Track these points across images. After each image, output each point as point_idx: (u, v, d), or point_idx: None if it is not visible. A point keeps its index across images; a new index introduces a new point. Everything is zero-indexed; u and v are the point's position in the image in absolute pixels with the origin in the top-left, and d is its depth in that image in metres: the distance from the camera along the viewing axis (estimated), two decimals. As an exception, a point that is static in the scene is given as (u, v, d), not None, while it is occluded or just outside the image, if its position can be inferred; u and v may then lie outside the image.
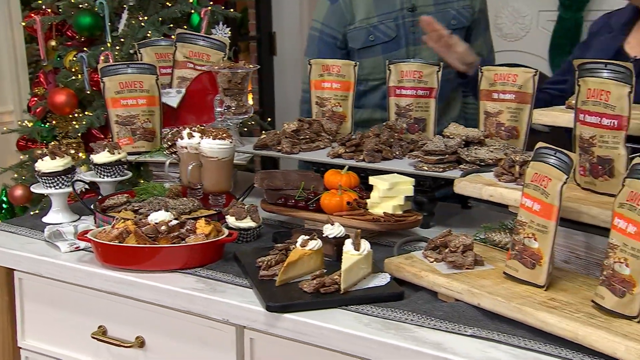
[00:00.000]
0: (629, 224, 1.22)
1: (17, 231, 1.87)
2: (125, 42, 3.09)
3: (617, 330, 1.18)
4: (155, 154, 2.09)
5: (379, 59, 2.37)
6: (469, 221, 1.90)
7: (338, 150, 1.92)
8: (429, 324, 1.32)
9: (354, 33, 2.41)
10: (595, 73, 1.45)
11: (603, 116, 1.43)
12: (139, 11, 3.13)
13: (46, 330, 1.82)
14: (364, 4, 2.40)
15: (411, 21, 2.38)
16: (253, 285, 1.50)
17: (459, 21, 2.40)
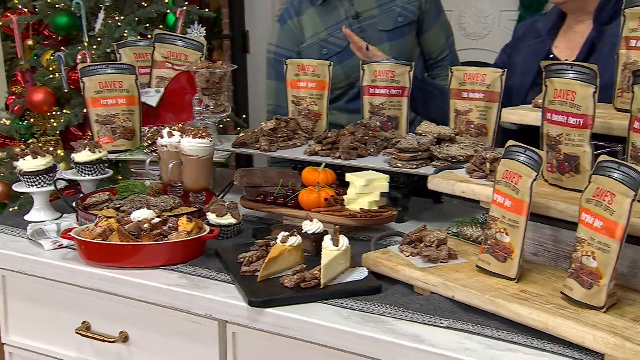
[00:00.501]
0: (595, 219, 1.24)
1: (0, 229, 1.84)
2: (102, 41, 3.06)
3: (585, 321, 1.20)
4: (135, 152, 2.07)
5: (337, 69, 2.36)
6: (441, 215, 1.91)
7: (315, 148, 1.92)
8: (407, 317, 1.33)
9: (307, 50, 2.43)
10: (561, 74, 1.47)
11: (569, 115, 1.45)
12: (115, 11, 3.10)
13: (30, 326, 1.79)
14: (311, 20, 2.42)
15: (358, 27, 2.39)
16: (235, 281, 1.50)
17: (405, 17, 2.40)
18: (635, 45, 1.55)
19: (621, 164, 1.23)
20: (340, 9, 2.40)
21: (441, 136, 1.84)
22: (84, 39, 3.08)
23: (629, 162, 1.37)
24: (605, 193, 1.23)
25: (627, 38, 1.57)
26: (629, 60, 1.57)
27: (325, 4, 2.41)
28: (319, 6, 2.41)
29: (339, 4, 2.40)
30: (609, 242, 1.21)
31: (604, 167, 1.26)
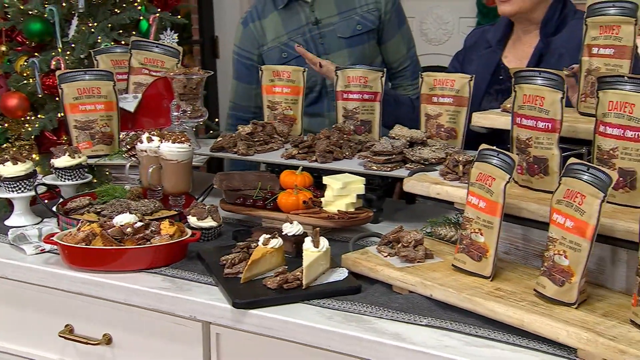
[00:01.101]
0: (566, 219, 1.25)
1: (-21, 235, 1.80)
2: (75, 47, 3.02)
3: (558, 317, 1.21)
4: (114, 157, 2.04)
5: None
6: (414, 216, 1.92)
7: (292, 152, 1.91)
8: (387, 316, 1.33)
9: (268, 53, 2.43)
10: (530, 80, 1.48)
11: (538, 119, 1.47)
12: (89, 18, 3.05)
13: (12, 329, 1.75)
14: (273, 24, 2.41)
15: (318, 33, 2.40)
16: (218, 283, 1.48)
17: (364, 25, 2.39)
18: (597, 53, 1.58)
19: (590, 166, 1.25)
20: (301, 14, 2.40)
21: (413, 139, 1.84)
22: (58, 45, 3.02)
23: (595, 164, 1.39)
24: (575, 194, 1.25)
25: (589, 46, 1.59)
26: (591, 66, 1.59)
27: (287, 9, 2.40)
28: (281, 10, 2.41)
29: (300, 9, 2.40)
30: (580, 241, 1.23)
31: (574, 169, 1.27)
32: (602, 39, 1.57)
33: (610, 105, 1.36)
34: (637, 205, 1.33)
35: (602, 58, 1.56)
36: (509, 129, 1.58)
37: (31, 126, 3.02)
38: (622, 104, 1.34)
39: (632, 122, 1.33)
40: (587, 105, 1.58)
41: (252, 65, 2.45)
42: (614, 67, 1.55)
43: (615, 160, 1.36)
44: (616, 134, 1.35)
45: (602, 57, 1.57)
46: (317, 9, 2.39)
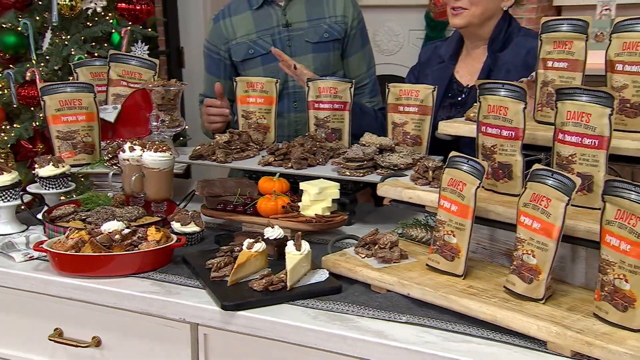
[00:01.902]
0: (534, 221, 1.27)
1: (-33, 244, 1.73)
2: (50, 59, 2.95)
3: (528, 312, 1.22)
4: (96, 166, 1.98)
5: (259, 70, 2.36)
6: (383, 217, 1.92)
7: (268, 159, 1.89)
8: (368, 314, 1.32)
9: (235, 48, 2.39)
10: (494, 92, 1.50)
11: (502, 128, 1.48)
12: (62, 31, 2.98)
13: (2, 334, 1.69)
14: (245, 21, 2.39)
15: (287, 36, 2.37)
16: (206, 286, 1.45)
17: (330, 34, 2.38)
18: (552, 66, 1.60)
19: (554, 172, 1.26)
20: (273, 16, 2.38)
21: (383, 146, 1.85)
22: (32, 57, 2.95)
23: (555, 169, 1.41)
24: (541, 198, 1.27)
25: (545, 59, 1.61)
26: (546, 78, 1.61)
27: (260, 10, 2.38)
28: (255, 10, 2.38)
29: (272, 12, 2.38)
30: (547, 241, 1.24)
31: (539, 174, 1.29)
32: (556, 53, 1.59)
33: (568, 115, 1.39)
34: (595, 207, 1.35)
35: (557, 71, 1.59)
36: (473, 136, 1.60)
37: (7, 135, 2.94)
38: (579, 113, 1.37)
39: (589, 130, 1.35)
40: (544, 114, 1.60)
41: (220, 60, 2.43)
42: (567, 79, 1.57)
43: (573, 166, 1.38)
44: (574, 141, 1.38)
45: (557, 70, 1.59)
46: (289, 13, 2.37)
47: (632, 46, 1.45)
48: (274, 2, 2.38)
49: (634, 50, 1.45)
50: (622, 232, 1.16)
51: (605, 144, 1.34)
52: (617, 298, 1.16)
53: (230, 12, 2.42)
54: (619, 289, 1.16)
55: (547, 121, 1.59)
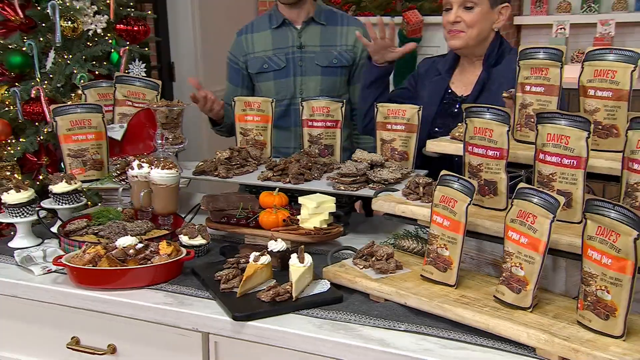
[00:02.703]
0: (521, 236, 1.28)
1: (-13, 257, 1.69)
2: (53, 77, 2.89)
3: (518, 320, 1.23)
4: (105, 181, 1.95)
5: (270, 84, 2.39)
6: (373, 227, 1.92)
7: (267, 174, 1.88)
8: (370, 323, 1.32)
9: (252, 61, 2.41)
10: (480, 115, 1.51)
11: (488, 149, 1.49)
12: (65, 50, 2.93)
13: (20, 342, 1.65)
14: (264, 38, 2.40)
15: (299, 56, 2.38)
16: (216, 297, 1.44)
17: (339, 61, 2.39)
18: (529, 90, 1.61)
19: (539, 191, 1.28)
20: (289, 37, 2.39)
21: (374, 162, 1.85)
22: (37, 76, 2.89)
23: (537, 186, 1.43)
24: (527, 215, 1.28)
25: (522, 84, 1.63)
26: (524, 101, 1.62)
27: (279, 29, 2.39)
28: (274, 29, 2.40)
29: (289, 33, 2.39)
30: (534, 255, 1.25)
31: (525, 192, 1.30)
32: (533, 79, 1.61)
33: (548, 137, 1.40)
34: (574, 221, 1.37)
35: (534, 95, 1.60)
36: (458, 154, 1.60)
37: (13, 149, 2.88)
38: (559, 136, 1.38)
39: (568, 151, 1.36)
40: (522, 134, 1.62)
41: (239, 69, 2.45)
42: (544, 102, 1.59)
43: (554, 183, 1.39)
44: (554, 161, 1.39)
45: (534, 94, 1.60)
46: (304, 36, 2.38)
47: (603, 73, 1.47)
48: (292, 24, 2.38)
49: (604, 77, 1.47)
50: (603, 247, 1.17)
51: (583, 164, 1.36)
52: (600, 307, 1.17)
53: (252, 29, 2.44)
54: (601, 299, 1.17)
55: (526, 140, 1.60)
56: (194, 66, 5.00)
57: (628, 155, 1.32)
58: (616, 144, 1.45)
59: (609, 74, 1.45)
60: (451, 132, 1.72)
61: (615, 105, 1.45)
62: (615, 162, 1.39)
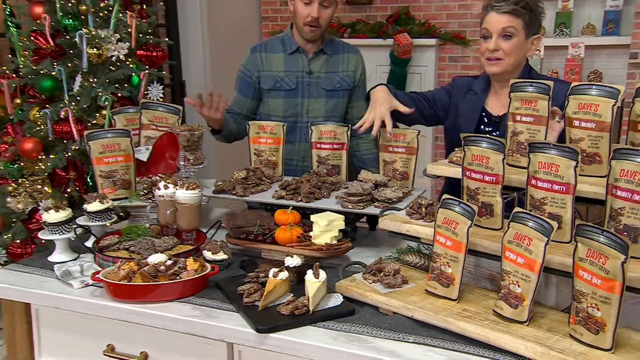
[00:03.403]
0: (518, 256, 1.29)
1: (31, 271, 1.69)
2: (80, 99, 2.88)
3: (516, 333, 1.24)
4: (133, 199, 1.95)
5: (280, 102, 2.40)
6: (376, 241, 1.93)
7: (281, 193, 1.88)
8: (381, 335, 1.32)
9: (265, 77, 2.41)
10: (477, 144, 1.52)
11: (485, 174, 1.50)
12: (90, 74, 2.92)
13: (60, 349, 1.65)
14: (277, 60, 2.41)
15: (307, 81, 2.40)
16: (239, 310, 1.44)
17: (341, 85, 2.43)
18: (520, 120, 1.62)
19: (534, 216, 1.28)
20: (300, 62, 2.41)
21: (378, 182, 1.85)
22: (65, 98, 2.88)
23: (529, 209, 1.44)
24: (523, 237, 1.28)
25: (514, 114, 1.64)
26: (515, 129, 1.64)
27: (291, 55, 2.41)
28: (288, 54, 2.41)
29: (300, 59, 2.41)
30: (530, 274, 1.26)
31: (520, 217, 1.31)
32: (524, 110, 1.62)
33: (539, 165, 1.41)
34: (563, 241, 1.38)
35: (524, 124, 1.61)
36: (456, 177, 1.61)
37: (44, 164, 2.86)
38: (549, 164, 1.39)
39: (558, 179, 1.38)
40: (514, 160, 1.63)
41: (251, 83, 2.44)
42: (534, 131, 1.60)
43: (545, 207, 1.40)
44: (545, 187, 1.40)
45: (524, 124, 1.62)
46: (313, 63, 2.41)
47: (587, 107, 1.48)
48: (304, 52, 2.41)
49: (588, 110, 1.48)
50: (593, 268, 1.18)
51: (571, 190, 1.37)
52: (590, 323, 1.18)
53: (266, 49, 2.44)
54: (592, 315, 1.18)
55: (517, 165, 1.61)
56: (203, 84, 5.01)
57: (612, 183, 1.33)
58: (599, 170, 1.47)
59: (592, 107, 1.46)
60: (449, 157, 1.73)
61: (598, 135, 1.46)
62: (598, 187, 1.40)
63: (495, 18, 1.93)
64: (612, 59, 4.70)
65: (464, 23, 4.78)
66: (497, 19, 1.93)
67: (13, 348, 1.67)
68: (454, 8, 4.81)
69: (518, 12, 1.91)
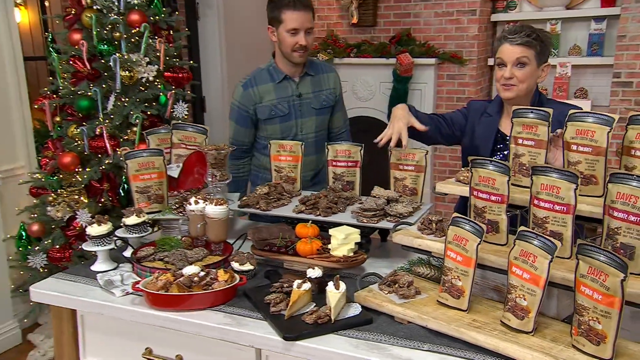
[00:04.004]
0: (524, 272, 1.29)
1: (76, 280, 1.70)
2: (114, 117, 2.90)
3: (523, 343, 1.24)
4: (165, 213, 1.95)
5: (277, 127, 2.43)
6: (387, 251, 1.93)
7: (300, 208, 1.89)
8: (398, 343, 1.32)
9: (260, 109, 2.42)
10: (484, 166, 1.52)
11: (491, 194, 1.50)
12: (122, 95, 2.94)
13: (102, 351, 1.66)
14: (268, 91, 2.42)
15: (298, 103, 2.44)
16: (267, 319, 1.44)
17: (327, 102, 2.49)
18: (522, 143, 1.63)
19: (539, 235, 1.28)
20: (289, 88, 2.43)
21: (390, 198, 1.85)
22: (100, 116, 2.91)
23: (531, 226, 1.44)
24: (529, 255, 1.28)
25: (516, 137, 1.64)
26: (517, 152, 1.64)
27: (280, 83, 2.42)
28: (277, 83, 2.42)
29: (289, 85, 2.43)
30: (535, 289, 1.26)
31: (526, 235, 1.31)
32: (525, 134, 1.63)
33: (542, 186, 1.41)
34: (564, 257, 1.38)
35: (526, 147, 1.62)
36: (464, 195, 1.61)
37: (81, 176, 2.89)
38: (551, 186, 1.39)
39: (559, 200, 1.38)
40: (516, 179, 1.63)
41: (248, 116, 2.45)
42: (534, 154, 1.60)
43: (547, 225, 1.40)
44: (547, 207, 1.40)
45: (526, 147, 1.62)
46: (300, 86, 2.43)
47: (583, 132, 1.48)
48: (291, 79, 2.42)
49: (585, 135, 1.48)
50: (594, 284, 1.18)
51: (571, 210, 1.37)
52: (592, 335, 1.18)
53: (255, 83, 2.44)
54: (593, 328, 1.18)
55: (519, 184, 1.62)
56: (221, 99, 5.04)
57: (609, 204, 1.33)
58: (595, 190, 1.47)
59: (589, 133, 1.47)
60: (456, 175, 1.73)
61: (595, 159, 1.46)
62: (595, 206, 1.40)
63: (509, 49, 1.94)
64: (597, 77, 4.69)
65: (461, 44, 4.77)
66: (511, 49, 1.93)
67: (60, 349, 1.68)
68: (451, 30, 4.80)
69: (530, 44, 1.92)
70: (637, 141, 1.44)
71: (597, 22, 4.58)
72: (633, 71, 4.23)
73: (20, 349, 3.10)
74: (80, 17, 2.90)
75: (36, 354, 3.00)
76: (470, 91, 4.80)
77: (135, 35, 2.94)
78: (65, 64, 2.90)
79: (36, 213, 2.99)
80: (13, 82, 3.11)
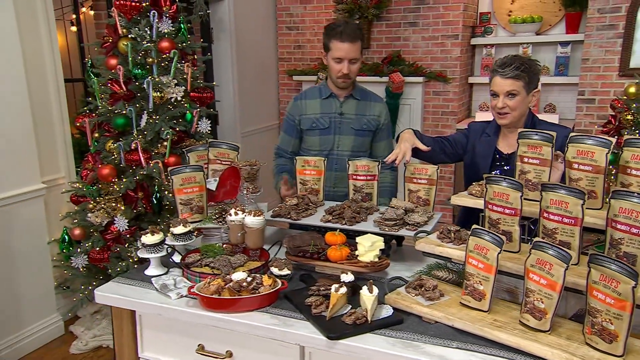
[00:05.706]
0: (540, 278, 1.30)
1: (133, 283, 1.68)
2: (146, 133, 2.87)
3: (542, 341, 1.24)
4: (206, 222, 1.93)
5: (317, 139, 2.40)
6: (403, 256, 1.92)
7: (327, 218, 1.88)
8: (429, 341, 1.32)
9: (304, 120, 2.41)
10: (498, 183, 1.53)
11: (505, 208, 1.51)
12: (154, 113, 2.91)
13: (159, 347, 1.63)
14: (314, 105, 2.41)
15: (339, 120, 2.40)
16: (310, 319, 1.43)
17: (368, 126, 2.42)
18: (527, 161, 1.63)
19: (553, 245, 1.29)
20: (333, 105, 2.40)
21: (407, 208, 1.85)
22: (134, 132, 2.87)
23: (541, 236, 1.45)
24: (545, 263, 1.29)
25: (522, 156, 1.64)
26: (523, 169, 1.64)
27: (326, 100, 2.41)
28: (323, 99, 2.41)
29: (333, 103, 2.40)
30: (552, 293, 1.27)
31: (541, 245, 1.31)
32: (530, 153, 1.63)
33: (551, 201, 1.42)
34: (573, 264, 1.39)
35: (531, 165, 1.62)
36: (477, 207, 1.62)
37: (117, 186, 2.85)
38: (559, 201, 1.40)
39: (567, 213, 1.39)
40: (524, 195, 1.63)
41: (294, 125, 2.44)
42: (539, 171, 1.61)
43: (556, 235, 1.41)
44: (557, 219, 1.41)
45: (531, 165, 1.62)
46: (344, 106, 2.40)
47: (584, 153, 1.49)
48: (337, 97, 2.40)
49: (585, 156, 1.49)
50: (606, 290, 1.19)
51: (579, 222, 1.38)
52: (605, 334, 1.19)
53: (306, 96, 2.45)
54: (606, 328, 1.19)
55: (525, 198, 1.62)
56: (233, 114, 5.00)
57: (611, 217, 1.34)
58: (595, 203, 1.48)
59: (589, 154, 1.48)
60: (468, 189, 1.73)
61: (594, 176, 1.47)
62: (596, 218, 1.42)
63: (500, 82, 1.95)
64: (563, 94, 4.75)
65: (445, 64, 4.81)
66: (502, 82, 1.94)
67: (121, 346, 1.66)
68: (437, 52, 4.83)
69: (519, 76, 1.92)
70: (632, 161, 1.46)
71: (563, 46, 4.64)
72: (595, 89, 4.29)
73: (63, 339, 3.06)
74: (116, 45, 2.87)
75: (79, 344, 2.96)
76: (454, 106, 4.82)
77: (165, 60, 2.91)
78: (103, 86, 2.86)
79: (77, 218, 2.94)
80: (55, 102, 3.06)
